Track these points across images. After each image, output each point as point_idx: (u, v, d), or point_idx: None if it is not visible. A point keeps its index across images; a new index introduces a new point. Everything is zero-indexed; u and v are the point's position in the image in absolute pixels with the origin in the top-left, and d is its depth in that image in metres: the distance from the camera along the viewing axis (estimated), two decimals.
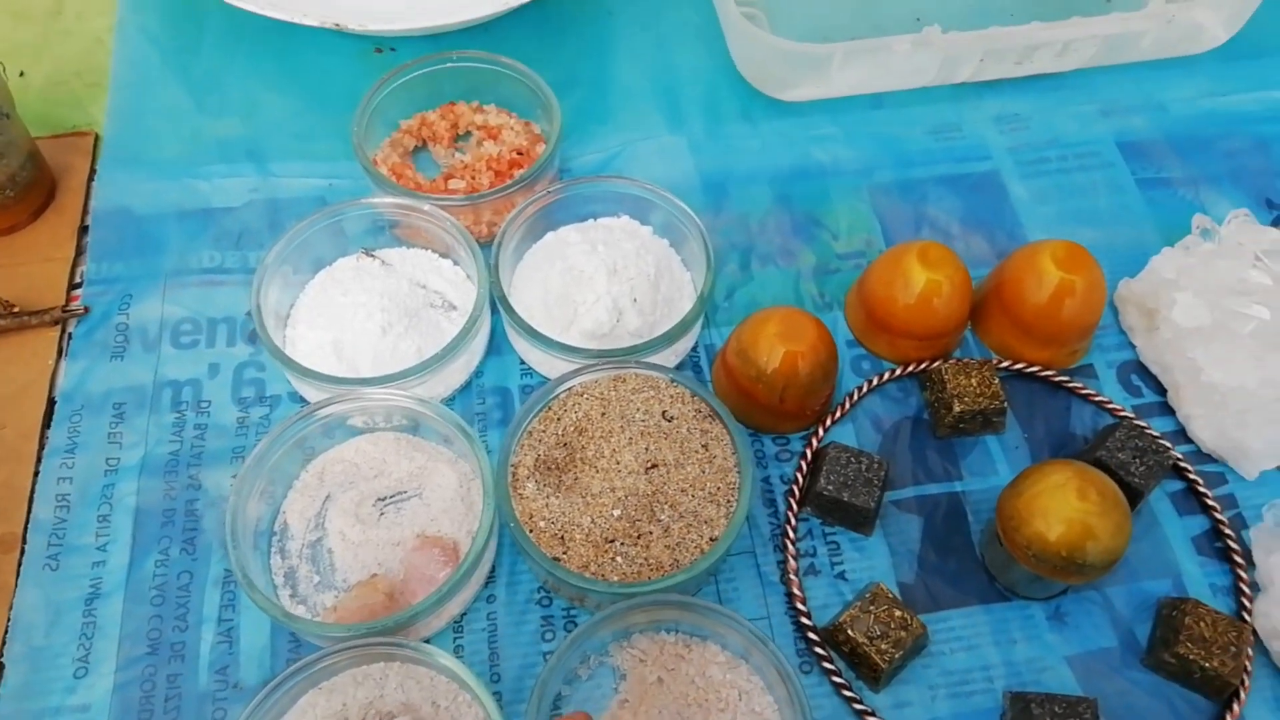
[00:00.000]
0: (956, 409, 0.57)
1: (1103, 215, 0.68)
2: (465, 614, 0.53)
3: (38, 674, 0.50)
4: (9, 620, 0.51)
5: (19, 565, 0.53)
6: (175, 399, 0.58)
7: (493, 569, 0.54)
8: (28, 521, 0.54)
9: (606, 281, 0.59)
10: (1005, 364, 0.61)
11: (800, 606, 0.53)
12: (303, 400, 0.59)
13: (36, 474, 0.56)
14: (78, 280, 0.63)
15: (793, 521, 0.55)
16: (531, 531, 0.51)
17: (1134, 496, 0.54)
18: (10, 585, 0.52)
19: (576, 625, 0.53)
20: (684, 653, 0.51)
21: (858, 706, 0.50)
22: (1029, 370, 0.60)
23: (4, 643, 0.51)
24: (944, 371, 0.58)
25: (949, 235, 0.67)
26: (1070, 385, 0.60)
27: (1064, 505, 0.48)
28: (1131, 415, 0.59)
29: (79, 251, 0.64)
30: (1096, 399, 0.60)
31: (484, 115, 0.69)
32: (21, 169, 0.62)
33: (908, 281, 0.58)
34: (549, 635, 0.53)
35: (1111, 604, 0.53)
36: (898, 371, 0.61)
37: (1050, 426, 0.59)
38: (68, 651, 0.50)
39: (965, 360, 0.59)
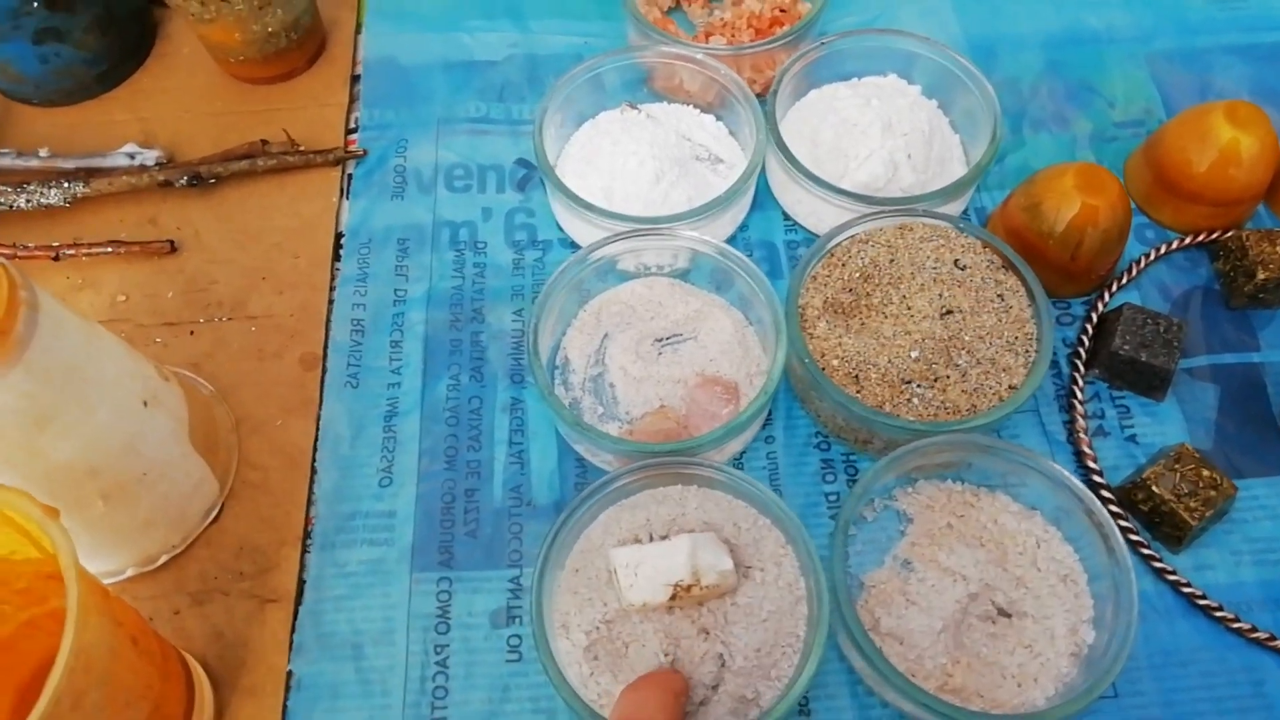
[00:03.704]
0: (1260, 276, 0.54)
1: None
2: (744, 452, 0.53)
3: (347, 479, 0.52)
4: (317, 431, 0.54)
5: (321, 382, 0.55)
6: (453, 238, 0.60)
7: (769, 413, 0.54)
8: (326, 342, 0.56)
9: (881, 136, 0.58)
10: None
11: (1092, 465, 0.51)
12: (574, 245, 0.60)
13: (331, 301, 0.58)
14: (351, 126, 0.65)
15: (1080, 382, 0.54)
16: (825, 369, 0.50)
17: None
18: (315, 399, 0.55)
19: (857, 470, 0.53)
20: (973, 500, 0.50)
21: (1157, 565, 0.49)
22: None
23: (315, 450, 0.53)
24: (1245, 238, 0.55)
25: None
26: None
27: None
28: None
29: (351, 99, 0.66)
30: None
31: None
32: (304, 14, 0.64)
33: (1209, 141, 0.55)
34: (830, 477, 0.53)
35: None
36: (1187, 240, 0.58)
37: None
38: (372, 462, 0.53)
39: (1268, 229, 0.56)
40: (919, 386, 0.50)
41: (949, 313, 0.51)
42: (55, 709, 0.33)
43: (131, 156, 0.62)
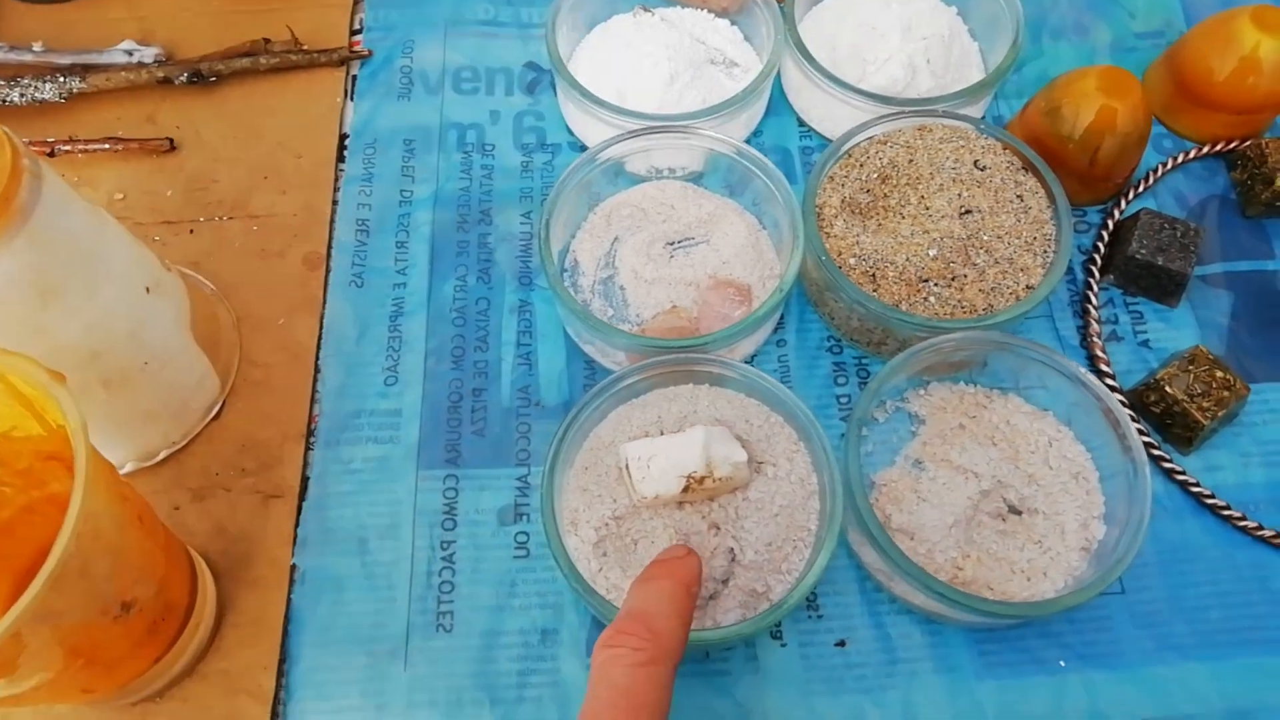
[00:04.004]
0: (1278, 184, 0.53)
1: None
2: (756, 355, 0.53)
3: (352, 378, 0.52)
4: (321, 329, 0.53)
5: (325, 281, 0.54)
6: (460, 140, 0.59)
7: (781, 317, 0.54)
8: (330, 242, 0.55)
9: (900, 39, 0.57)
10: None
11: (1105, 368, 0.51)
12: (584, 148, 0.59)
13: (335, 201, 0.57)
14: (356, 26, 0.63)
15: (1094, 287, 0.53)
16: (842, 268, 0.50)
17: None
18: (319, 298, 0.54)
19: (869, 373, 0.52)
20: (985, 401, 0.50)
21: (1167, 465, 0.49)
22: None
23: (319, 348, 0.52)
24: (1264, 146, 0.55)
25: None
26: None
27: None
28: None
29: (354, 0, 0.65)
30: None
31: None
32: None
33: (1233, 46, 0.54)
34: (841, 380, 0.52)
35: None
36: (1205, 149, 0.57)
37: None
38: (377, 361, 0.52)
39: None
40: (936, 285, 0.49)
41: (967, 212, 0.50)
42: (64, 570, 0.32)
43: (129, 54, 0.60)
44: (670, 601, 0.38)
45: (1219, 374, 0.48)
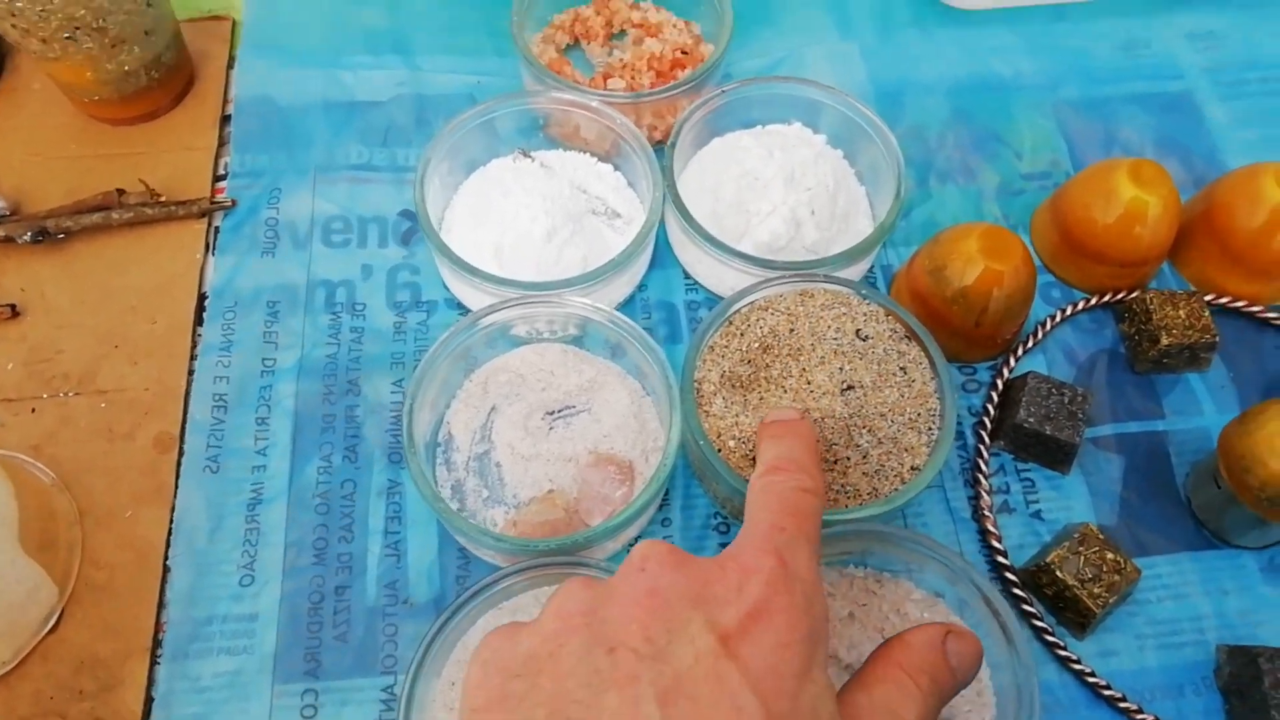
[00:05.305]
0: (1164, 342, 0.53)
1: None
2: (640, 537, 0.50)
3: (203, 578, 0.48)
4: (171, 523, 0.49)
5: (177, 466, 0.51)
6: (329, 300, 0.56)
7: (666, 493, 0.51)
8: (184, 420, 0.52)
9: (784, 190, 0.55)
10: (1210, 297, 0.56)
11: (997, 545, 0.50)
12: (460, 306, 0.56)
13: (191, 372, 0.53)
14: (220, 172, 0.60)
15: (984, 455, 0.52)
16: (720, 451, 0.48)
17: None
18: (170, 486, 0.50)
19: None
20: (875, 588, 0.48)
21: (1061, 653, 0.47)
22: (1235, 305, 0.56)
23: (168, 545, 0.49)
24: (1149, 301, 0.54)
25: (1141, 157, 0.61)
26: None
27: None
28: None
29: (221, 142, 0.61)
30: None
31: (641, 12, 0.65)
32: (166, 50, 0.59)
33: (1113, 200, 0.54)
34: None
35: None
36: (1093, 301, 0.56)
37: (1260, 365, 0.55)
38: (232, 558, 0.48)
39: (1171, 291, 0.54)
40: None
41: (850, 388, 0.49)
42: None
43: None
44: (807, 450, 0.38)
45: (1109, 556, 0.47)
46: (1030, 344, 0.55)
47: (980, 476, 0.51)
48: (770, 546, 0.33)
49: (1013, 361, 0.54)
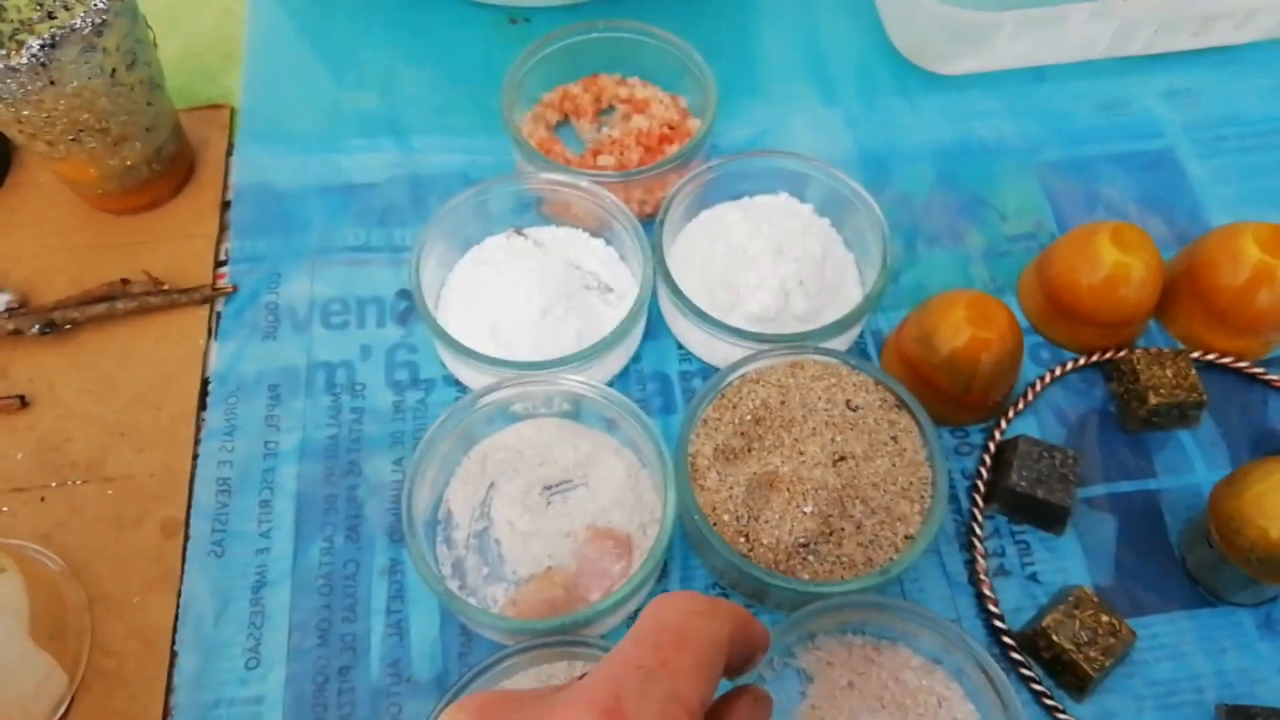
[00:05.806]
0: (1152, 401, 0.53)
1: None
2: (639, 610, 0.51)
3: (210, 663, 0.48)
4: (179, 608, 0.50)
5: (183, 551, 0.51)
6: (329, 381, 0.57)
7: (665, 564, 0.52)
8: (189, 505, 0.53)
9: (773, 263, 0.56)
10: (1197, 354, 0.57)
11: (993, 609, 0.50)
12: (459, 384, 0.57)
13: (195, 457, 0.54)
14: (222, 258, 0.62)
15: (979, 519, 0.52)
16: (715, 525, 0.48)
17: None
18: (176, 571, 0.51)
19: None
20: (874, 655, 0.48)
21: (1061, 717, 0.47)
22: (1222, 361, 0.57)
23: (175, 630, 0.49)
24: (1135, 361, 0.55)
25: (1125, 217, 0.63)
26: (1267, 378, 0.57)
27: None
28: None
29: (222, 227, 0.63)
30: None
31: (629, 88, 0.67)
32: (167, 143, 0.61)
33: (1097, 264, 0.54)
34: None
35: None
36: (1081, 361, 0.57)
37: (1249, 421, 0.56)
38: (238, 641, 0.49)
39: (1158, 350, 0.55)
40: (814, 542, 0.48)
41: (842, 459, 0.49)
42: None
43: None
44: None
45: (1104, 618, 0.47)
46: (1021, 406, 0.56)
47: (975, 540, 0.52)
48: (609, 694, 0.28)
49: (1004, 424, 0.55)
